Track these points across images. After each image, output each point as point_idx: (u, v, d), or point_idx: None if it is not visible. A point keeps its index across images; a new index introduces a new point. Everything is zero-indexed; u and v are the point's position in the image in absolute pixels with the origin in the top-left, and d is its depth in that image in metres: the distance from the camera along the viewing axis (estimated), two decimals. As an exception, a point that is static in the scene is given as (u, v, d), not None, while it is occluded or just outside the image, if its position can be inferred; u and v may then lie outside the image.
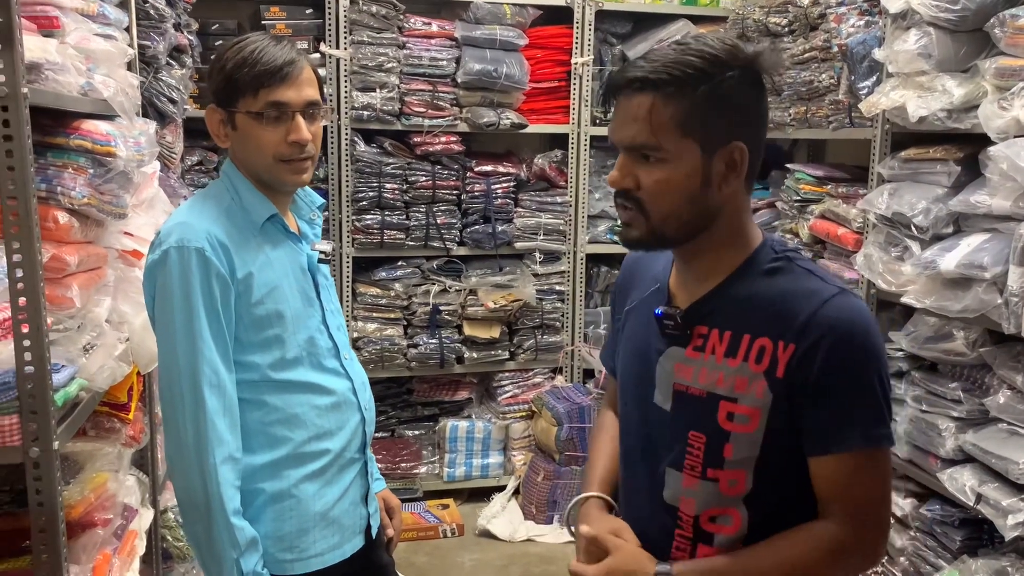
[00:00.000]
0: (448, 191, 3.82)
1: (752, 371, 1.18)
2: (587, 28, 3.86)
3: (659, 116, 1.14)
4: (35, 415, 1.43)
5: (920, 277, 2.53)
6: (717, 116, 1.15)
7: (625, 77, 1.16)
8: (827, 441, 1.17)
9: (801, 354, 1.15)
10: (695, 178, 1.16)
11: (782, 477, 1.20)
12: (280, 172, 1.54)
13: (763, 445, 1.19)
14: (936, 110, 2.47)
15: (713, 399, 1.20)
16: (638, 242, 1.22)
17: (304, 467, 1.56)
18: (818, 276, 1.21)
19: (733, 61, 1.15)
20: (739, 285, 1.22)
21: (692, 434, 1.22)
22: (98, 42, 1.86)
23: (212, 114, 1.55)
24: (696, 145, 1.15)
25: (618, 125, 1.18)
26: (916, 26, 2.54)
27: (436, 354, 3.85)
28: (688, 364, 1.23)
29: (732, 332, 1.20)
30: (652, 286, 1.34)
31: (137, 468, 2.33)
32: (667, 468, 1.26)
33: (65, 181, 1.65)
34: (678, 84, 1.13)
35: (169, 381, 1.46)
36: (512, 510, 3.85)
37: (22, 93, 1.37)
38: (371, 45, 3.62)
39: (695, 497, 1.23)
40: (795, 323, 1.16)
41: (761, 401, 1.17)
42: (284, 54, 1.50)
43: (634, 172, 1.17)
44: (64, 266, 1.63)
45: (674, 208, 1.17)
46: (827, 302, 1.16)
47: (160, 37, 2.43)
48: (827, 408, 1.16)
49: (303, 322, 1.56)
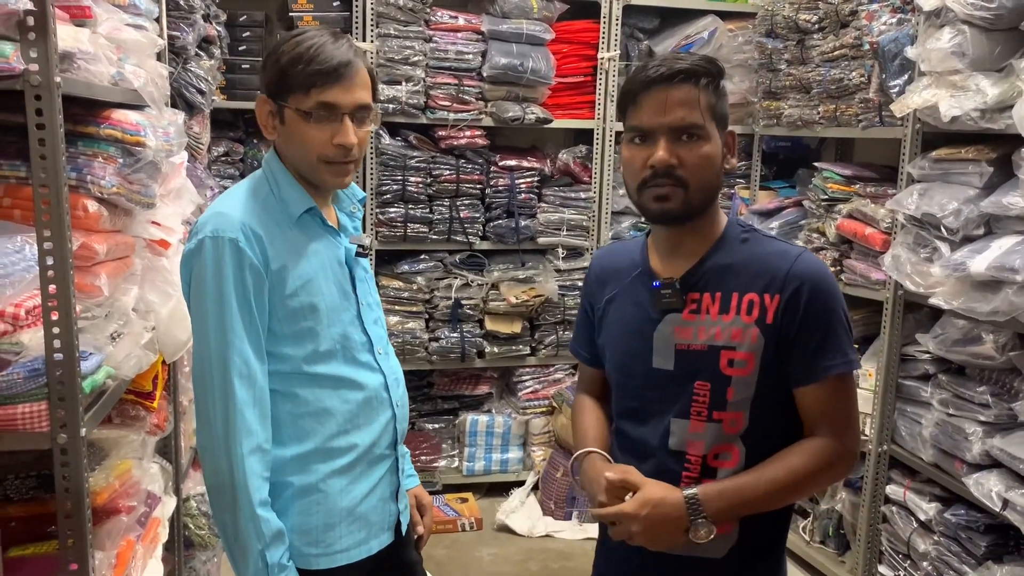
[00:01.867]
0: (472, 185, 3.82)
1: (744, 322, 1.40)
2: (614, 23, 3.83)
3: (704, 101, 1.37)
4: (63, 402, 1.44)
5: (949, 279, 2.50)
6: (724, 105, 1.42)
7: (667, 72, 1.37)
8: (812, 371, 1.39)
9: (786, 301, 1.39)
10: (719, 155, 1.41)
11: (771, 412, 1.42)
12: (322, 173, 1.53)
13: (757, 384, 1.40)
14: (969, 110, 2.44)
15: (714, 351, 1.41)
16: (675, 214, 1.40)
17: (332, 462, 1.55)
18: (780, 241, 1.49)
19: (719, 64, 1.43)
20: (720, 255, 1.45)
21: (697, 384, 1.42)
22: (129, 32, 1.88)
23: (263, 104, 1.54)
24: (716, 127, 1.40)
25: (664, 110, 1.37)
26: (950, 24, 2.51)
27: (457, 348, 3.85)
28: (686, 326, 1.43)
29: (722, 293, 1.42)
30: (631, 272, 1.53)
31: (161, 456, 2.35)
32: (672, 419, 1.44)
33: (95, 170, 1.66)
34: (710, 76, 1.39)
35: (201, 370, 1.46)
36: (531, 505, 3.85)
37: (55, 83, 1.38)
38: (397, 38, 3.62)
39: (703, 439, 1.42)
40: (777, 277, 1.40)
41: (755, 346, 1.39)
42: (341, 54, 1.47)
43: (677, 151, 1.37)
44: (93, 254, 1.64)
45: (708, 180, 1.40)
46: (798, 258, 1.41)
47: (189, 28, 2.44)
48: (810, 344, 1.39)
49: (337, 316, 1.55)
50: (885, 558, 3.00)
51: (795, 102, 3.48)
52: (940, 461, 2.67)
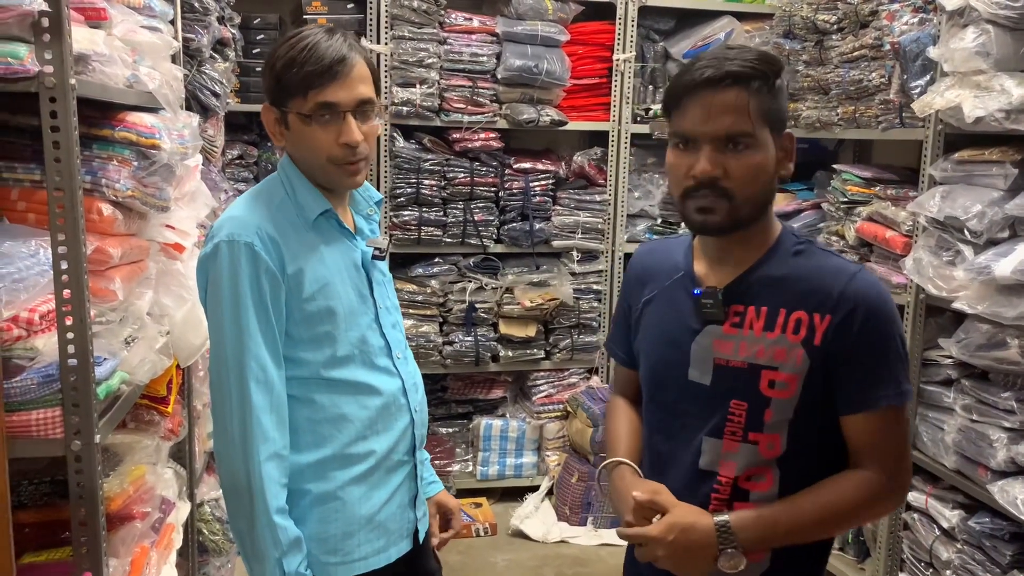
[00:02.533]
0: (486, 188, 3.79)
1: (790, 341, 1.31)
2: (630, 24, 3.81)
3: (753, 106, 1.26)
4: (77, 408, 1.42)
5: (973, 283, 2.45)
6: (779, 106, 1.31)
7: (713, 75, 1.26)
8: (862, 400, 1.31)
9: (838, 323, 1.29)
10: (771, 163, 1.31)
11: (810, 437, 1.34)
12: (333, 175, 1.51)
13: (796, 408, 1.32)
14: (993, 110, 2.39)
15: (754, 369, 1.33)
16: (720, 227, 1.32)
17: (350, 469, 1.53)
18: (837, 256, 1.38)
19: (780, 62, 1.32)
20: (770, 266, 1.36)
21: (734, 403, 1.34)
22: (144, 34, 1.86)
23: (267, 113, 1.52)
24: (769, 133, 1.30)
25: (709, 117, 1.27)
26: (974, 23, 2.46)
27: (471, 352, 3.82)
28: (727, 340, 1.35)
29: (768, 308, 1.34)
30: (674, 275, 1.44)
31: (175, 461, 2.33)
32: (704, 437, 1.37)
33: (110, 173, 1.64)
34: (763, 78, 1.27)
35: (218, 376, 1.45)
36: (545, 511, 3.82)
37: (70, 85, 1.36)
38: (412, 40, 3.60)
39: (736, 460, 1.35)
40: (830, 296, 1.30)
41: (799, 368, 1.31)
42: (334, 51, 1.44)
43: (722, 162, 1.27)
44: (107, 258, 1.63)
45: (756, 191, 1.30)
46: (854, 277, 1.31)
47: (204, 30, 2.43)
48: (861, 370, 1.30)
49: (355, 320, 1.53)
50: (907, 566, 2.95)
51: (813, 103, 3.44)
52: (963, 468, 2.62)
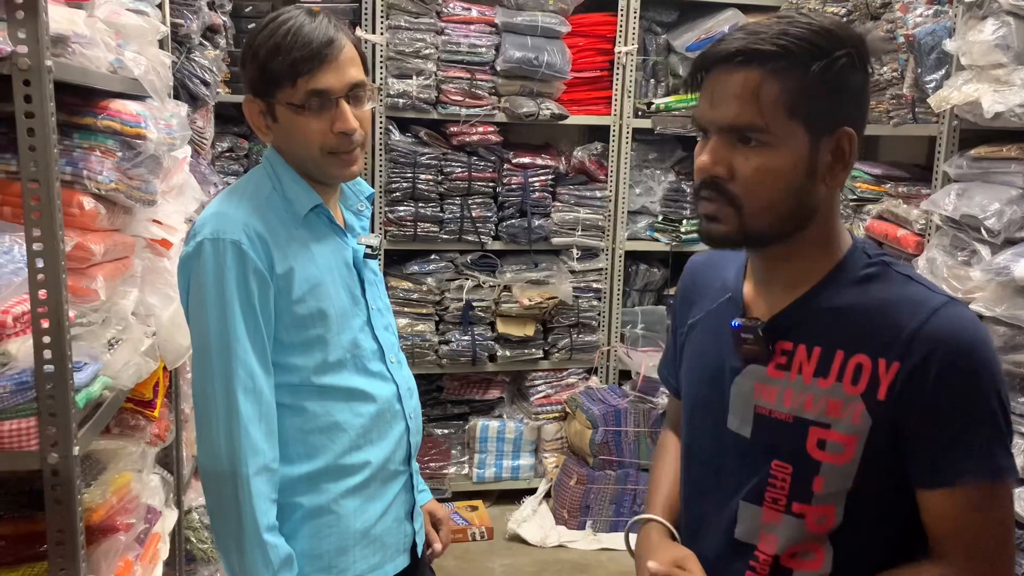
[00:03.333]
0: (484, 183, 3.70)
1: (847, 393, 1.05)
2: (631, 16, 3.71)
3: (767, 93, 1.01)
4: (54, 418, 1.32)
5: (990, 283, 2.38)
6: (827, 98, 1.02)
7: (727, 49, 1.02)
8: (940, 472, 1.03)
9: (908, 373, 1.02)
10: (800, 167, 1.03)
11: (875, 512, 1.08)
12: (329, 166, 1.42)
13: (857, 476, 1.06)
14: (1014, 105, 2.32)
15: (801, 424, 1.08)
16: (724, 239, 1.08)
17: (344, 481, 1.44)
18: (921, 283, 1.08)
19: (846, 39, 1.02)
20: (829, 295, 1.09)
21: (776, 464, 1.10)
22: (129, 17, 1.77)
23: (250, 105, 1.42)
24: (803, 129, 1.03)
25: (713, 103, 1.04)
26: (993, 15, 2.38)
27: (468, 351, 3.73)
28: (770, 384, 1.11)
29: (822, 348, 1.08)
30: (721, 296, 1.21)
31: (162, 466, 2.23)
32: (742, 502, 1.13)
33: (92, 164, 1.54)
34: (790, 59, 1.00)
35: (202, 384, 1.35)
36: (543, 514, 3.74)
37: (46, 66, 1.25)
38: (408, 30, 3.50)
39: (777, 534, 1.11)
40: (900, 337, 1.03)
41: (858, 427, 1.04)
42: (320, 33, 1.35)
43: (728, 158, 1.04)
44: (89, 255, 1.53)
45: (773, 200, 1.04)
46: (936, 313, 1.03)
47: (194, 15, 2.32)
48: (940, 434, 1.02)
49: (347, 322, 1.44)
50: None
51: (820, 98, 3.36)
52: (978, 474, 2.54)
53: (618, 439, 3.59)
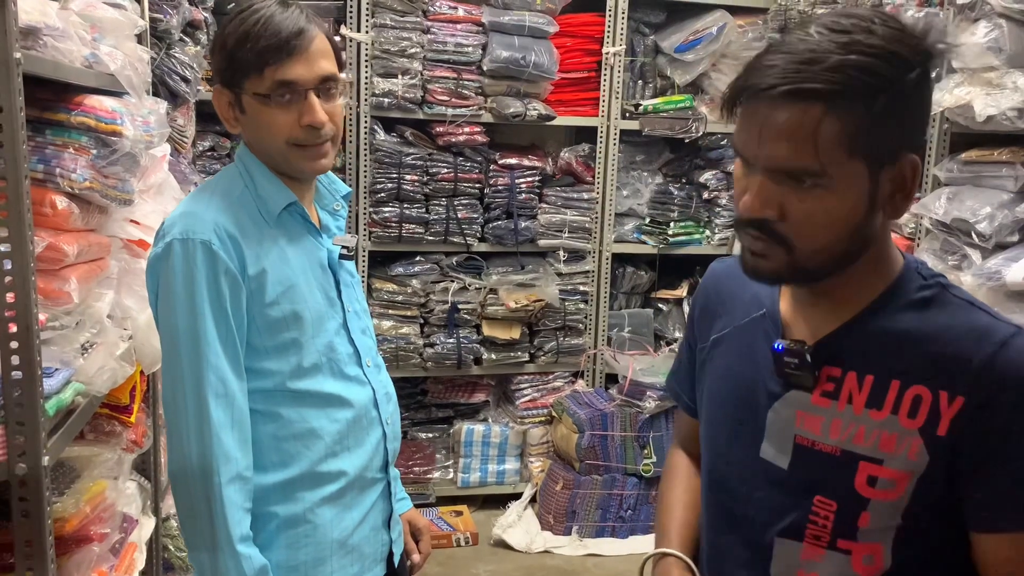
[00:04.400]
0: (470, 184, 3.65)
1: (904, 427, 0.97)
2: (620, 16, 3.68)
3: (826, 133, 0.89)
4: (22, 427, 1.26)
5: (982, 288, 2.36)
6: (892, 128, 0.92)
7: (776, 83, 0.90)
8: (1004, 516, 0.96)
9: (974, 409, 0.94)
10: (860, 206, 0.94)
11: (924, 553, 1.01)
12: (295, 159, 1.37)
13: (905, 512, 0.99)
14: (1006, 109, 2.30)
15: (850, 459, 1.00)
16: (773, 276, 1.01)
17: (320, 489, 1.39)
18: (984, 311, 1.00)
19: (914, 57, 0.91)
20: (882, 318, 1.01)
21: (819, 499, 1.02)
22: (105, 10, 1.71)
23: (219, 96, 1.38)
24: (864, 166, 0.92)
25: (762, 140, 0.93)
26: (986, 18, 2.37)
27: (453, 354, 3.68)
28: (815, 414, 1.02)
29: (875, 377, 0.99)
30: (754, 311, 1.12)
31: (138, 473, 2.17)
32: (777, 538, 1.05)
33: (65, 162, 1.49)
34: (853, 96, 0.89)
35: (172, 391, 1.30)
36: (528, 519, 3.69)
37: (14, 58, 1.20)
38: (394, 29, 3.45)
39: (819, 571, 1.03)
40: (966, 370, 0.95)
41: (914, 464, 0.97)
42: (291, 23, 1.31)
43: (778, 199, 0.94)
44: (62, 256, 1.47)
45: (830, 242, 0.96)
46: (1006, 345, 0.95)
47: (174, 10, 2.26)
48: (1004, 477, 0.95)
49: (323, 325, 1.40)
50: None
51: (809, 101, 3.34)
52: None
53: (604, 443, 3.56)
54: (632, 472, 3.59)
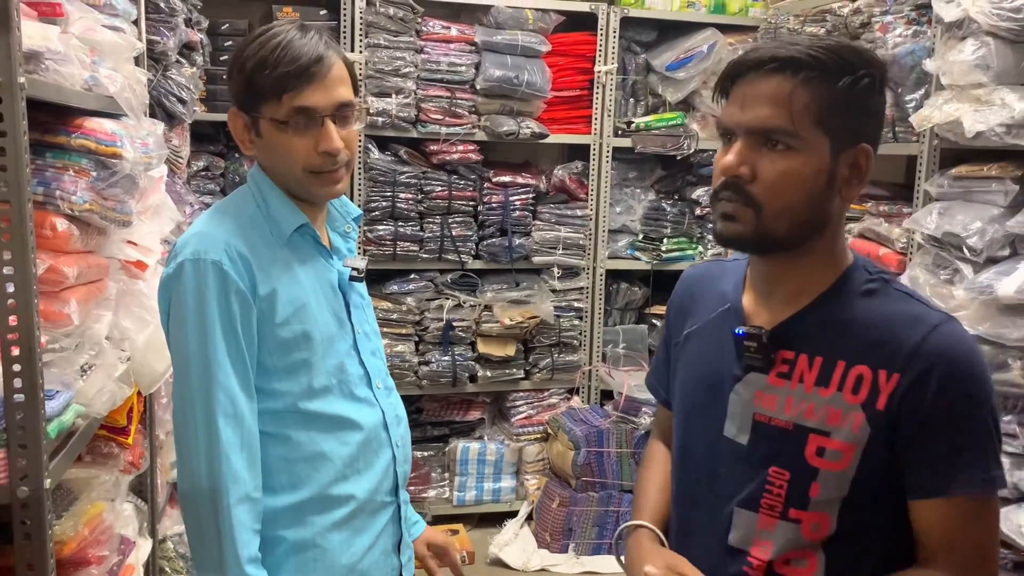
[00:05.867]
0: (464, 202, 3.67)
1: (848, 402, 1.09)
2: (611, 36, 3.71)
3: (798, 100, 1.06)
4: (24, 449, 1.26)
5: (974, 302, 2.37)
6: (851, 113, 1.08)
7: (761, 56, 1.07)
8: (935, 484, 1.08)
9: (908, 385, 1.07)
10: (821, 176, 1.08)
11: (867, 521, 1.12)
12: (310, 185, 1.38)
13: (852, 483, 1.10)
14: (994, 125, 2.33)
15: (801, 432, 1.12)
16: (741, 239, 1.12)
17: (330, 513, 1.39)
18: (920, 300, 1.14)
19: (871, 61, 1.09)
20: (832, 307, 1.14)
21: (773, 470, 1.13)
22: (105, 34, 1.72)
23: (235, 119, 1.38)
24: (827, 140, 1.07)
25: (744, 106, 1.09)
26: (973, 36, 2.40)
27: (448, 372, 3.68)
28: (771, 392, 1.15)
29: (824, 358, 1.12)
30: (719, 306, 1.24)
31: (135, 494, 2.16)
32: (736, 508, 1.16)
33: (65, 184, 1.50)
34: (823, 70, 1.06)
35: (182, 410, 1.30)
36: (525, 537, 3.68)
37: (18, 83, 1.21)
38: (387, 49, 3.47)
39: (772, 540, 1.14)
40: (901, 351, 1.07)
41: (857, 436, 1.09)
42: (310, 49, 1.32)
43: (753, 160, 1.08)
44: (62, 278, 1.48)
45: (792, 204, 1.08)
46: (936, 329, 1.08)
47: (170, 32, 2.28)
48: (936, 447, 1.07)
49: (333, 346, 1.40)
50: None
51: (800, 117, 3.37)
52: (963, 493, 2.53)
53: (600, 460, 3.56)
54: (628, 489, 3.58)
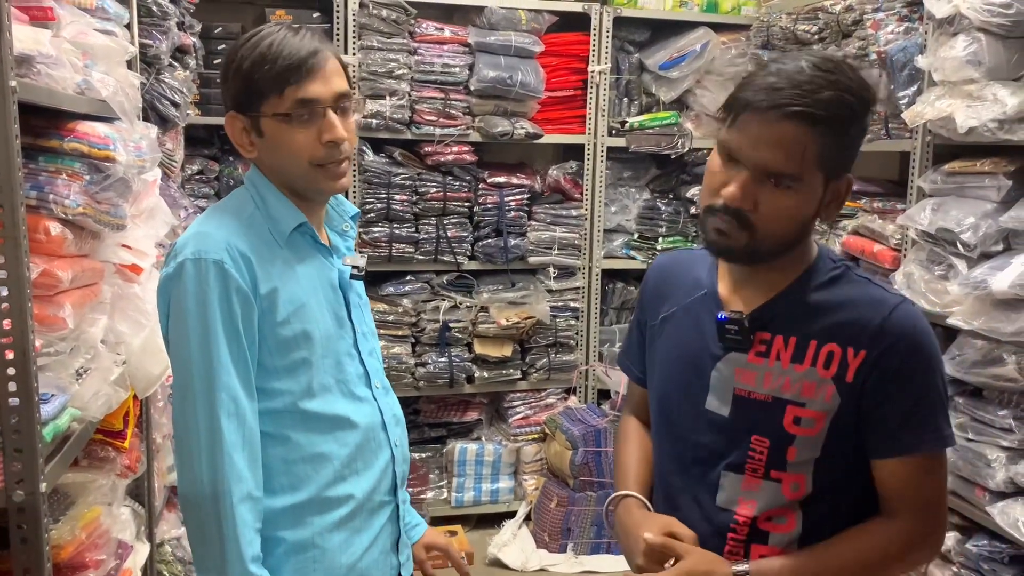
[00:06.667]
0: (459, 203, 3.67)
1: (820, 376, 1.22)
2: (604, 35, 3.72)
3: (811, 151, 1.14)
4: (20, 454, 1.26)
5: (968, 297, 2.39)
6: (848, 152, 1.19)
7: (784, 100, 1.12)
8: (897, 444, 1.22)
9: (873, 360, 1.20)
10: (812, 207, 1.20)
11: (838, 479, 1.26)
12: (318, 179, 1.38)
13: (824, 446, 1.24)
14: (986, 120, 2.33)
15: (779, 404, 1.24)
16: (732, 253, 1.24)
17: (329, 513, 1.39)
18: (879, 285, 1.27)
19: (871, 101, 1.18)
20: (802, 293, 1.26)
21: (755, 438, 1.26)
22: (97, 37, 1.72)
23: (233, 122, 1.38)
24: (822, 176, 1.18)
25: (757, 145, 1.15)
26: (964, 32, 2.41)
27: (445, 373, 3.69)
28: (750, 369, 1.27)
29: (797, 338, 1.25)
30: (695, 292, 1.35)
31: (132, 499, 2.16)
32: (723, 471, 1.28)
33: (58, 188, 1.49)
34: (835, 124, 1.14)
35: (183, 410, 1.30)
36: (523, 538, 3.68)
37: (9, 87, 1.21)
38: (381, 51, 3.48)
39: (756, 499, 1.26)
40: (866, 330, 1.21)
41: (828, 405, 1.22)
42: (306, 44, 1.34)
43: (756, 194, 1.17)
44: (56, 283, 1.47)
45: (783, 231, 1.20)
46: (896, 309, 1.21)
47: (163, 36, 2.27)
48: (895, 413, 1.21)
49: (333, 345, 1.40)
50: (900, 590, 2.86)
51: (793, 115, 3.38)
52: (960, 488, 2.54)
53: (598, 459, 3.56)
54: (626, 488, 3.58)
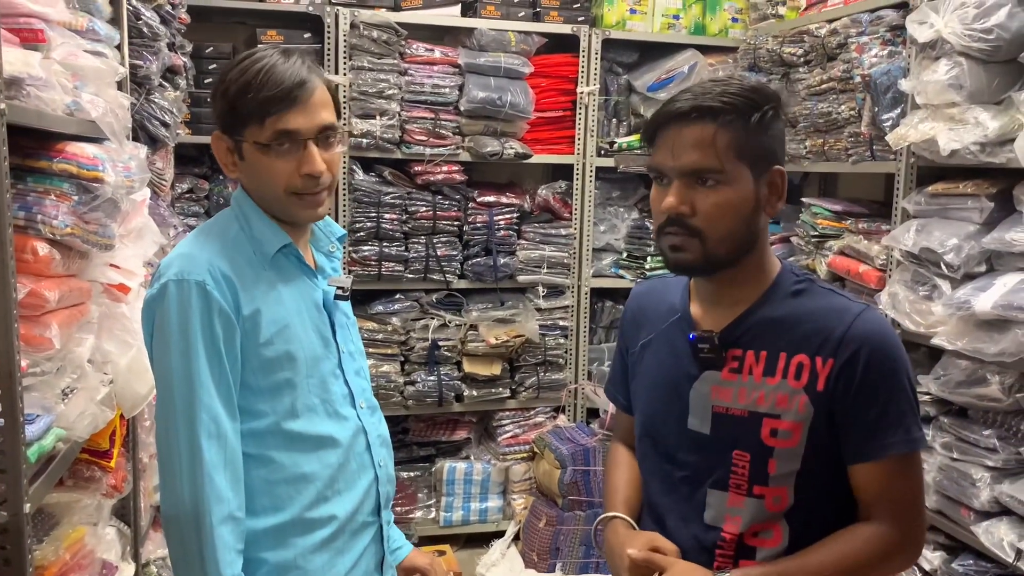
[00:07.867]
0: (449, 222, 3.69)
1: (792, 387, 1.26)
2: (593, 57, 3.75)
3: (720, 141, 1.22)
4: (4, 474, 1.26)
5: (952, 318, 2.41)
6: (763, 142, 1.25)
7: (682, 108, 1.23)
8: (869, 448, 1.25)
9: (840, 367, 1.24)
10: (748, 201, 1.25)
11: (819, 489, 1.28)
12: (292, 207, 1.39)
13: (803, 458, 1.26)
14: (969, 143, 2.37)
15: (755, 417, 1.27)
16: (691, 266, 1.27)
17: (312, 534, 1.39)
18: (840, 295, 1.32)
19: (771, 96, 1.27)
20: (768, 308, 1.30)
21: (736, 453, 1.28)
22: (87, 59, 1.72)
23: (218, 142, 1.40)
24: (748, 169, 1.24)
25: (675, 153, 1.24)
26: (946, 56, 2.45)
27: (434, 392, 3.68)
28: (726, 386, 1.30)
29: (768, 352, 1.28)
30: (670, 317, 1.39)
31: (118, 518, 2.15)
32: (709, 489, 1.31)
33: (46, 208, 1.50)
34: (737, 113, 1.23)
35: (165, 430, 1.30)
36: (512, 557, 3.67)
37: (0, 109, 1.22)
38: (371, 71, 3.50)
39: (741, 515, 1.28)
40: (831, 338, 1.25)
41: (803, 415, 1.25)
42: (292, 74, 1.33)
43: (690, 198, 1.24)
44: (43, 302, 1.47)
45: (729, 230, 1.24)
46: (859, 317, 1.26)
47: (153, 56, 2.29)
48: (868, 417, 1.24)
49: (317, 366, 1.41)
50: (888, 610, 2.87)
51: (780, 136, 3.41)
52: (945, 508, 2.55)
53: (587, 479, 3.56)
54: (615, 507, 3.58)
